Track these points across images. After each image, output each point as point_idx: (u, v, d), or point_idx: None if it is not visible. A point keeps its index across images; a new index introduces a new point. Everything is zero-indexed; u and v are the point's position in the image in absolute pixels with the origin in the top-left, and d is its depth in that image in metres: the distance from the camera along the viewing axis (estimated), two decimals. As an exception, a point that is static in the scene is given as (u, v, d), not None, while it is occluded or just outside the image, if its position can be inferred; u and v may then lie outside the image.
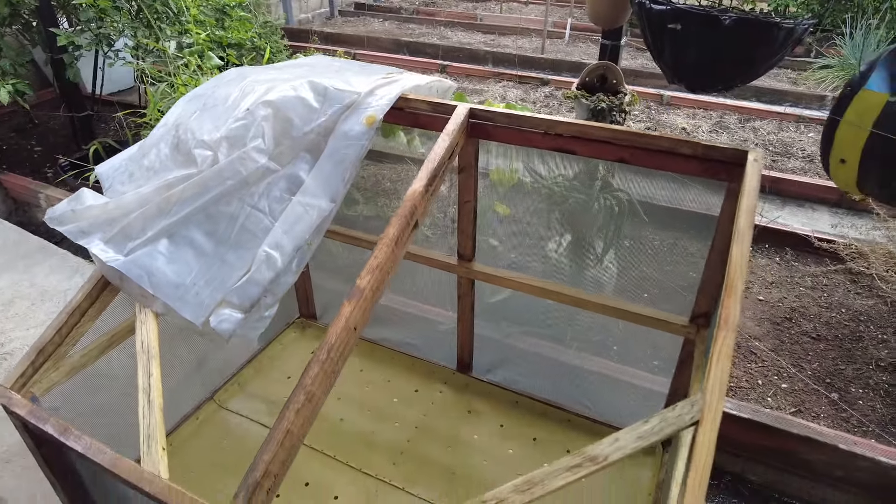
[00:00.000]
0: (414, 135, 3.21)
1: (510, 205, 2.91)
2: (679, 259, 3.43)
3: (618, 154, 1.47)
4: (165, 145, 1.67)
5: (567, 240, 2.37)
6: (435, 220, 3.65)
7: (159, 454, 1.16)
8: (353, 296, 1.26)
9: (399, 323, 2.44)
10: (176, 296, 1.40)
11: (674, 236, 3.58)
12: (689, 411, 1.01)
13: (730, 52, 1.46)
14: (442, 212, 3.72)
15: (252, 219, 1.51)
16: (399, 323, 2.44)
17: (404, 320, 2.45)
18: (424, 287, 2.91)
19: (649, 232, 3.53)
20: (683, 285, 3.19)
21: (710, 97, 5.82)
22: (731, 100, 5.72)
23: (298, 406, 1.12)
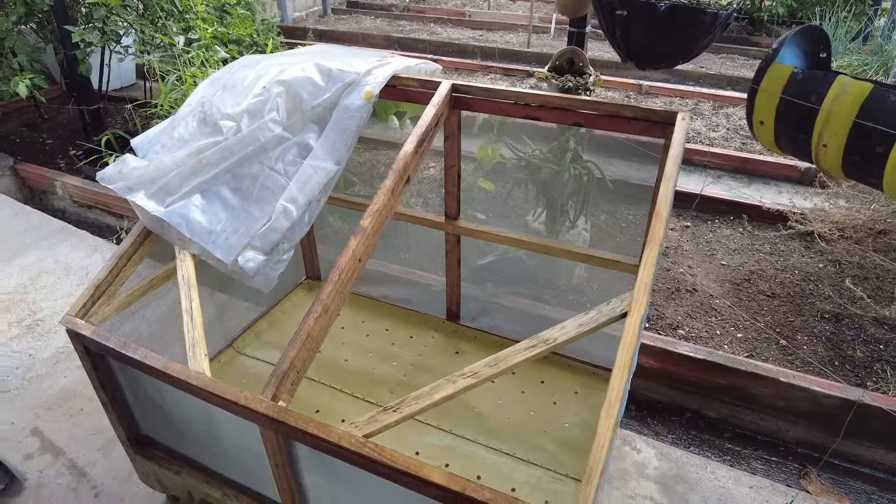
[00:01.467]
0: (406, 119, 3.51)
1: (494, 181, 3.21)
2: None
3: (574, 118, 1.76)
4: (192, 119, 1.95)
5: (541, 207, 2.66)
6: (427, 200, 3.95)
7: (202, 357, 1.44)
8: (358, 233, 1.55)
9: (397, 284, 2.73)
10: (209, 240, 1.68)
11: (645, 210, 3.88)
12: (619, 305, 1.30)
13: (666, 34, 1.75)
14: (434, 192, 4.01)
15: (270, 178, 1.80)
16: (397, 284, 2.73)
17: (402, 283, 2.75)
18: (416, 258, 3.21)
19: (624, 207, 3.84)
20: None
21: (686, 86, 6.14)
22: (706, 88, 6.04)
23: (317, 315, 1.41)
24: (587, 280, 3.07)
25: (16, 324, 2.95)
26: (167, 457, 1.88)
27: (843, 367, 2.59)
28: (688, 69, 6.73)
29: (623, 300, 1.30)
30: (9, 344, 2.82)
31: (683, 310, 2.96)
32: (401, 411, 1.23)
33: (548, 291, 2.93)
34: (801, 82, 1.93)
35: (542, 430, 1.97)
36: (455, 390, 1.23)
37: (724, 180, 4.34)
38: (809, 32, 2.07)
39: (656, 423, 2.56)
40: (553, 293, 2.96)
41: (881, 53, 6.12)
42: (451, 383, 1.24)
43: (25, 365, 2.71)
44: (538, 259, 2.82)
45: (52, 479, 2.21)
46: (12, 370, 2.68)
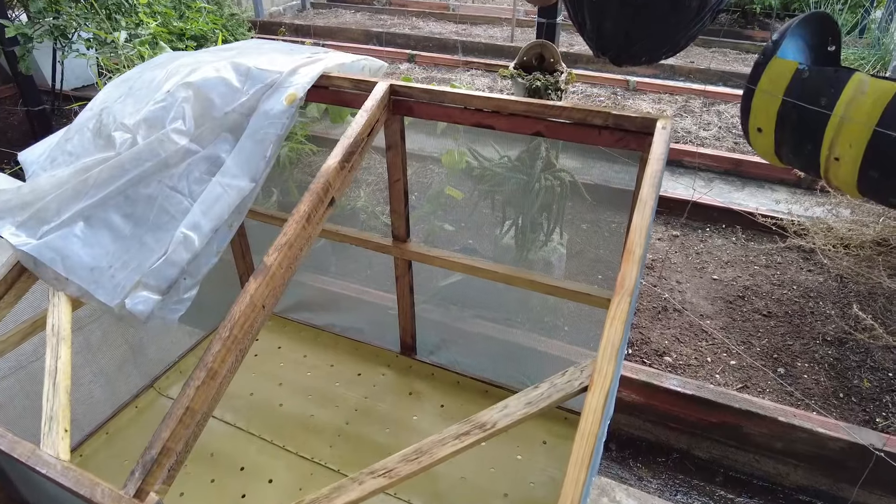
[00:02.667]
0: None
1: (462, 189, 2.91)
2: (637, 241, 3.45)
3: (534, 127, 1.47)
4: (88, 130, 1.64)
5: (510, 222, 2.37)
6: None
7: (60, 435, 1.15)
8: (260, 273, 1.25)
9: (346, 308, 2.43)
10: (91, 279, 1.38)
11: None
12: (578, 377, 1.01)
13: (646, 22, 1.46)
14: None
15: (171, 200, 1.50)
16: (346, 308, 2.43)
17: (352, 306, 2.45)
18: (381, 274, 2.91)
19: (608, 215, 3.54)
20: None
21: (675, 82, 5.85)
22: (697, 84, 5.75)
23: (198, 383, 1.11)
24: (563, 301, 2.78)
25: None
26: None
27: (848, 399, 2.31)
28: (677, 64, 6.44)
29: (583, 370, 1.01)
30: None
31: (671, 332, 2.67)
32: (291, 521, 0.94)
33: (521, 314, 2.63)
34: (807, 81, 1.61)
35: (503, 493, 1.68)
36: (362, 494, 0.94)
37: (715, 183, 4.05)
38: (815, 21, 1.77)
39: (639, 466, 2.28)
40: (527, 315, 2.66)
41: (878, 47, 5.84)
42: (358, 484, 0.95)
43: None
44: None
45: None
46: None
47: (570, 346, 2.38)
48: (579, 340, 2.62)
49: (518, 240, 2.37)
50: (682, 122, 4.93)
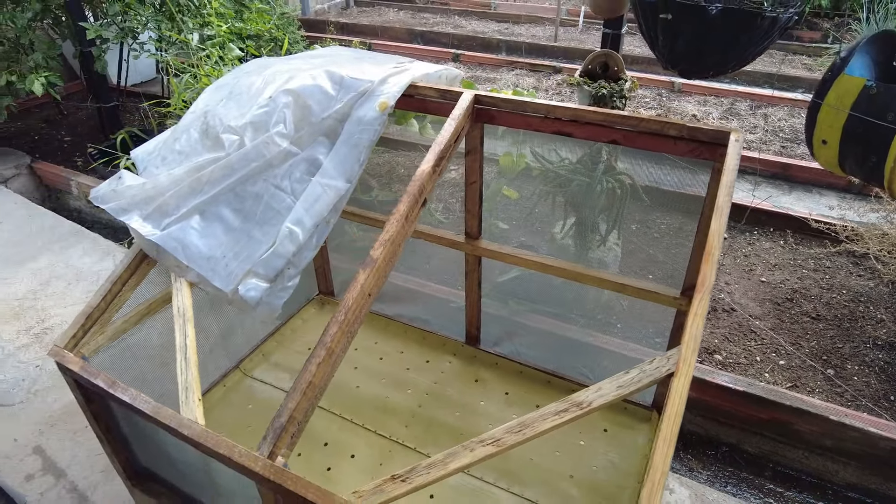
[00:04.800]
0: (426, 122, 3.34)
1: (518, 189, 3.03)
2: (685, 242, 3.51)
3: (611, 136, 1.58)
4: (195, 131, 1.81)
5: (570, 221, 2.48)
6: (447, 206, 3.78)
7: (196, 403, 1.31)
8: (367, 265, 1.39)
9: (413, 301, 2.58)
10: (208, 267, 1.54)
11: (680, 220, 3.67)
12: (665, 364, 1.13)
13: (716, 41, 1.56)
14: (454, 197, 3.84)
15: (275, 198, 1.65)
16: (413, 301, 2.58)
17: (418, 298, 2.60)
18: (438, 268, 3.05)
19: (657, 216, 3.63)
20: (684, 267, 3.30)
21: (721, 84, 5.85)
22: (742, 86, 5.74)
23: (319, 360, 1.26)
24: (617, 297, 2.88)
25: (24, 332, 2.87)
26: (167, 492, 1.76)
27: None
28: (723, 65, 6.42)
29: (669, 358, 1.13)
30: (16, 354, 2.74)
31: (720, 332, 2.75)
32: (410, 482, 1.08)
33: (575, 310, 2.75)
34: (875, 98, 1.69)
35: (569, 475, 1.80)
36: (472, 460, 1.08)
37: (762, 187, 4.09)
38: (882, 38, 1.83)
39: (690, 458, 2.37)
40: (581, 312, 2.77)
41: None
42: (469, 451, 1.08)
43: (32, 377, 2.63)
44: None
45: (52, 503, 2.11)
46: (18, 382, 2.60)
47: (625, 342, 2.48)
48: (633, 337, 2.72)
49: (577, 239, 2.48)
50: (729, 124, 4.95)
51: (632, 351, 2.39)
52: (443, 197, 3.82)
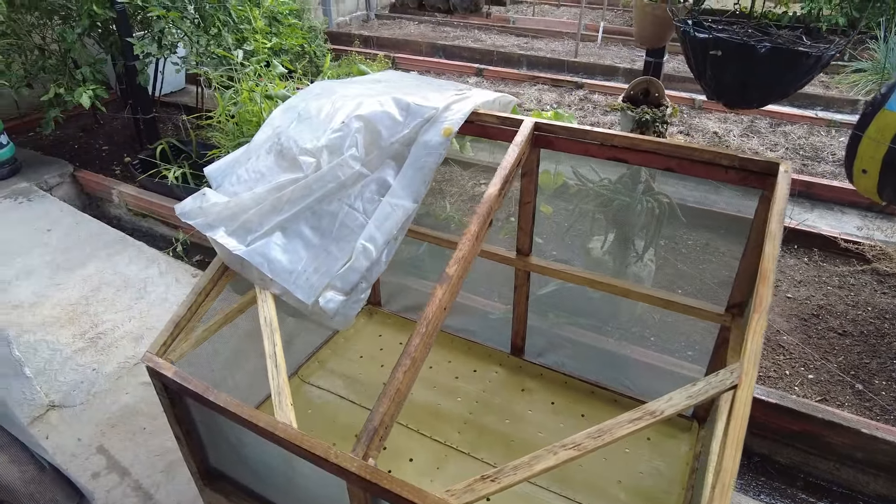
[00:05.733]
0: (465, 141, 3.47)
1: (553, 205, 3.15)
2: (711, 258, 3.63)
3: (665, 163, 1.69)
4: (269, 151, 1.94)
5: (611, 238, 2.59)
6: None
7: (289, 407, 1.42)
8: (444, 281, 1.51)
9: (456, 312, 2.69)
10: (290, 280, 1.67)
11: (706, 237, 3.78)
12: (729, 377, 1.24)
13: (763, 76, 1.67)
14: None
15: (349, 216, 1.78)
16: (456, 312, 2.69)
17: (461, 310, 2.71)
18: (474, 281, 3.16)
19: (683, 232, 3.73)
20: (716, 282, 3.40)
21: (741, 101, 5.95)
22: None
23: (405, 369, 1.38)
24: (650, 311, 2.99)
25: (79, 336, 3.00)
26: (237, 492, 1.87)
27: (925, 416, 2.46)
28: (741, 82, 6.53)
29: (733, 371, 1.24)
30: (74, 357, 2.87)
31: (750, 346, 2.85)
32: (499, 481, 1.19)
33: (610, 323, 2.86)
34: (915, 133, 1.81)
35: (617, 480, 1.90)
36: (556, 462, 1.19)
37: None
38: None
39: (724, 468, 2.46)
40: (615, 325, 2.88)
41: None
42: (553, 454, 1.19)
43: (90, 379, 2.75)
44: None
45: (118, 500, 2.23)
46: (78, 384, 2.72)
47: (660, 354, 2.59)
48: (666, 349, 2.83)
49: (615, 255, 2.59)
50: (749, 142, 5.06)
51: (667, 363, 2.49)
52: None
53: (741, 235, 3.95)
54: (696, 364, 2.63)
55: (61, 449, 2.42)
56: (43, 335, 3.00)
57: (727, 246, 3.70)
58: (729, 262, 3.57)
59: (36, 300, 3.23)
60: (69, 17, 4.16)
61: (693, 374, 2.46)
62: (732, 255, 3.64)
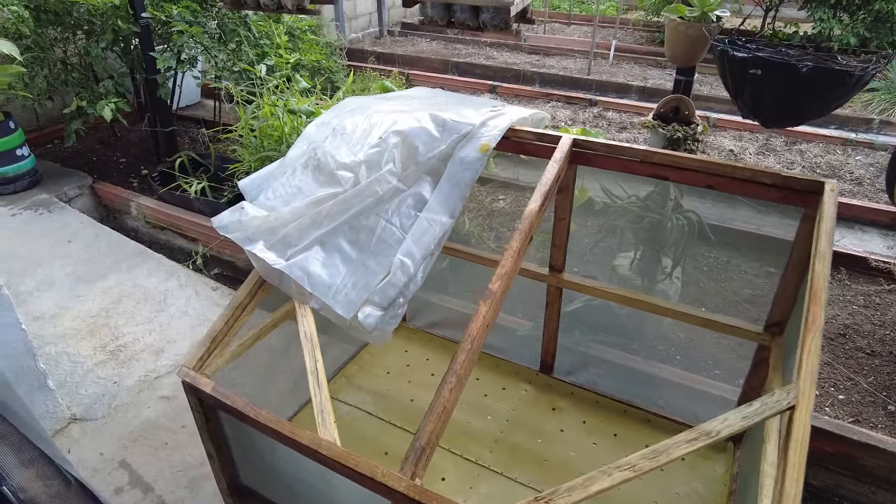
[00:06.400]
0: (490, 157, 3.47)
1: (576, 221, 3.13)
2: (733, 276, 3.60)
3: (706, 181, 1.69)
4: (306, 166, 1.94)
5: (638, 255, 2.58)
6: (499, 234, 3.89)
7: (332, 425, 1.40)
8: (487, 297, 1.50)
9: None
10: (330, 295, 1.65)
11: (727, 254, 3.76)
12: (785, 397, 1.22)
13: (804, 95, 1.67)
14: (505, 226, 3.95)
15: (387, 231, 1.77)
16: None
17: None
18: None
19: (704, 249, 3.72)
20: (739, 299, 3.38)
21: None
22: (777, 122, 5.85)
23: (451, 386, 1.36)
24: (675, 329, 2.97)
25: (100, 349, 2.99)
26: (267, 508, 1.85)
27: (960, 439, 2.41)
28: (755, 101, 6.55)
29: (789, 392, 1.22)
30: (95, 370, 2.86)
31: (778, 366, 2.82)
32: (553, 503, 1.17)
33: (636, 340, 2.83)
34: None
35: (654, 500, 1.87)
36: (611, 484, 1.16)
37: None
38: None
39: (756, 490, 2.42)
40: (641, 342, 2.86)
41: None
42: (607, 476, 1.17)
43: (111, 392, 2.73)
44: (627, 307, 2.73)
45: (142, 517, 2.20)
46: (99, 397, 2.70)
47: (690, 373, 2.55)
48: (693, 367, 2.80)
49: (643, 272, 2.58)
50: (765, 160, 5.06)
51: (698, 382, 2.46)
52: (494, 226, 3.94)
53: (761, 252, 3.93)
54: (725, 383, 2.60)
55: (83, 463, 2.39)
56: (64, 347, 2.99)
57: (748, 263, 3.68)
58: (751, 279, 3.54)
59: (57, 311, 3.23)
60: (93, 32, 4.21)
61: (725, 393, 2.43)
62: (753, 272, 3.62)
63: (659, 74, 7.52)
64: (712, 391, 2.48)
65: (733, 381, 2.90)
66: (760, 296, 3.37)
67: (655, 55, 8.16)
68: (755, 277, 3.57)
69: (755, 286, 3.49)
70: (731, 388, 2.50)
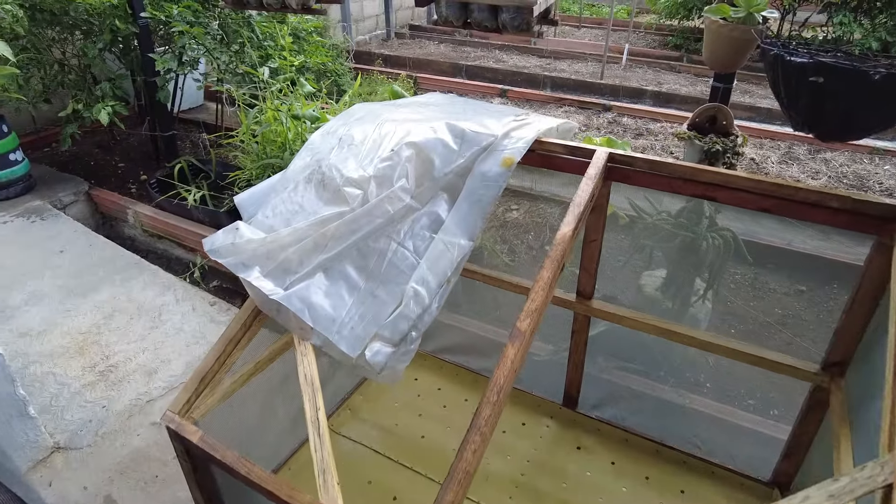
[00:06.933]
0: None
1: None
2: (761, 294, 3.40)
3: (761, 204, 1.49)
4: (309, 181, 1.75)
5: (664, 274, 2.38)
6: (512, 247, 3.70)
7: (336, 490, 1.21)
8: (516, 338, 1.30)
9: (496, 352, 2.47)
10: (334, 330, 1.46)
11: (753, 271, 3.55)
12: (880, 473, 1.01)
13: (873, 105, 1.48)
14: (518, 238, 3.76)
15: (398, 255, 1.57)
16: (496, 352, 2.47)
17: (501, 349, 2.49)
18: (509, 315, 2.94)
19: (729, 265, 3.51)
20: (769, 321, 3.17)
21: (775, 126, 5.75)
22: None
23: (475, 447, 1.17)
24: (702, 354, 2.76)
25: (89, 369, 2.80)
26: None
27: None
28: (773, 107, 6.35)
29: (883, 466, 1.01)
30: (82, 392, 2.67)
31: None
32: None
33: (664, 366, 2.62)
34: None
35: (694, 560, 1.67)
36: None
37: (833, 237, 3.95)
38: None
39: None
40: (668, 368, 2.65)
41: None
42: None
43: (98, 418, 2.54)
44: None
45: (127, 563, 2.01)
46: (85, 423, 2.51)
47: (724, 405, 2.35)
48: (723, 397, 2.59)
49: (671, 293, 2.37)
50: (789, 169, 4.85)
51: (735, 417, 2.25)
52: (507, 238, 3.74)
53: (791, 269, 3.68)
54: (760, 415, 2.40)
55: (65, 498, 2.21)
56: (51, 367, 2.80)
57: (778, 281, 3.47)
58: (781, 298, 3.33)
59: (45, 328, 3.04)
60: (91, 32, 4.04)
61: (761, 428, 2.23)
62: (784, 291, 3.41)
63: (673, 79, 7.31)
64: (747, 425, 2.28)
65: (767, 412, 2.70)
66: (790, 316, 3.17)
67: (669, 59, 7.96)
68: (785, 297, 3.36)
69: (785, 306, 3.28)
70: (770, 423, 2.30)
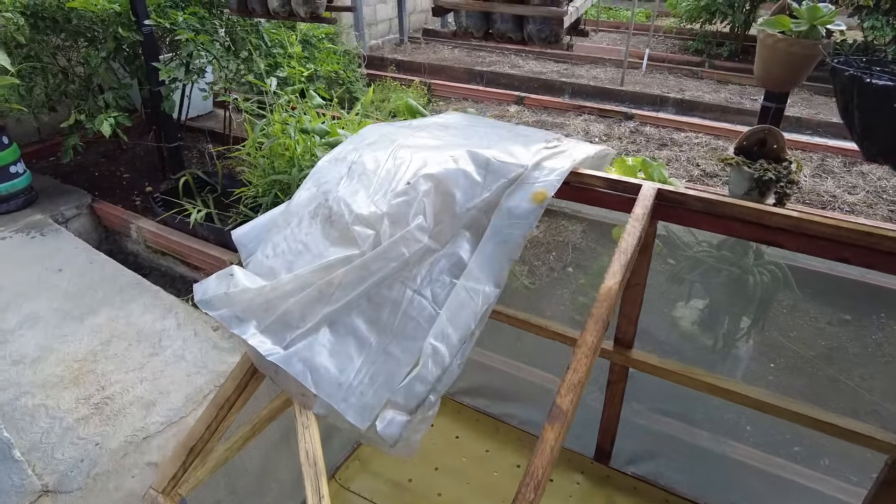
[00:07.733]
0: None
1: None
2: (802, 323, 3.16)
3: (839, 253, 1.27)
4: (314, 216, 1.56)
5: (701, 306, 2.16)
6: (532, 268, 3.49)
7: None
8: (556, 419, 1.10)
9: (520, 395, 2.27)
10: (339, 396, 1.26)
11: (789, 296, 3.32)
12: None
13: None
14: (539, 259, 3.55)
15: (413, 304, 1.38)
16: (520, 395, 2.27)
17: (525, 392, 2.28)
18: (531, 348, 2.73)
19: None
20: (812, 355, 2.93)
21: (808, 137, 5.51)
22: (832, 140, 5.38)
23: (509, 560, 0.96)
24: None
25: (83, 401, 2.63)
26: None
27: None
28: (803, 116, 6.09)
29: None
30: (75, 428, 2.50)
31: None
32: None
33: (697, 408, 2.40)
34: None
35: None
36: None
37: (875, 257, 3.70)
38: None
39: None
40: (703, 410, 2.43)
41: None
42: None
43: (91, 457, 2.37)
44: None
45: None
46: (77, 463, 2.34)
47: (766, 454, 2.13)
48: (768, 444, 2.37)
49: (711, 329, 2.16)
50: (823, 183, 4.60)
51: (783, 470, 2.04)
52: (526, 258, 3.53)
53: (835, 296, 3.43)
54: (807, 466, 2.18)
55: (51, 552, 2.04)
56: (43, 398, 2.63)
57: (819, 309, 3.23)
58: (824, 329, 3.09)
59: (39, 354, 2.88)
60: (95, 40, 3.89)
61: (811, 482, 2.01)
62: (826, 320, 3.17)
63: (696, 86, 7.06)
64: (797, 479, 2.06)
65: (816, 462, 2.47)
66: (836, 349, 2.93)
67: (690, 64, 7.71)
68: (827, 326, 3.12)
69: (828, 335, 3.04)
70: (817, 476, 2.08)
